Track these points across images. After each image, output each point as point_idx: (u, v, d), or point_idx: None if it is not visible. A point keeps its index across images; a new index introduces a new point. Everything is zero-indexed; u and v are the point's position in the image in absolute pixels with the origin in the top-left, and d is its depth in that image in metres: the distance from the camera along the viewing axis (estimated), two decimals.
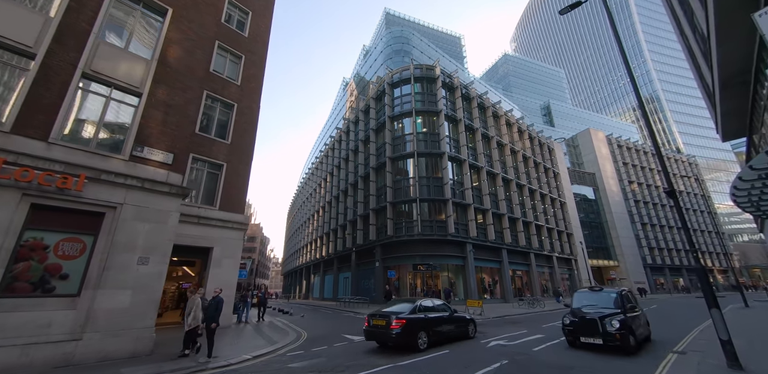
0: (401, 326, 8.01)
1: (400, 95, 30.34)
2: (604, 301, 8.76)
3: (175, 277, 18.69)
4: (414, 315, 8.52)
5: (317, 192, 48.61)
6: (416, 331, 8.26)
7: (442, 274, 25.67)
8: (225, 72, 14.90)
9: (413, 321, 8.34)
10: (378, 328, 8.28)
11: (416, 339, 8.20)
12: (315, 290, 43.86)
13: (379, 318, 8.40)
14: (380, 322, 8.31)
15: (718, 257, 60.49)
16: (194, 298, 7.28)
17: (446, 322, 9.31)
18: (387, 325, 8.11)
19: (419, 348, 8.16)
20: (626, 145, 60.96)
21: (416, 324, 8.36)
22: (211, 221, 12.43)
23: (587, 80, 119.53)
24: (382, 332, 8.18)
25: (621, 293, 8.85)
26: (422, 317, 8.65)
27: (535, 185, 36.97)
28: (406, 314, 8.38)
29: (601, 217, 53.45)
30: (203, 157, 12.97)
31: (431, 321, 8.81)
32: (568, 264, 39.09)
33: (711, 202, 67.15)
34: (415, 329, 8.26)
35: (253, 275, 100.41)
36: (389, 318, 8.19)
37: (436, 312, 9.26)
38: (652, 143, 6.99)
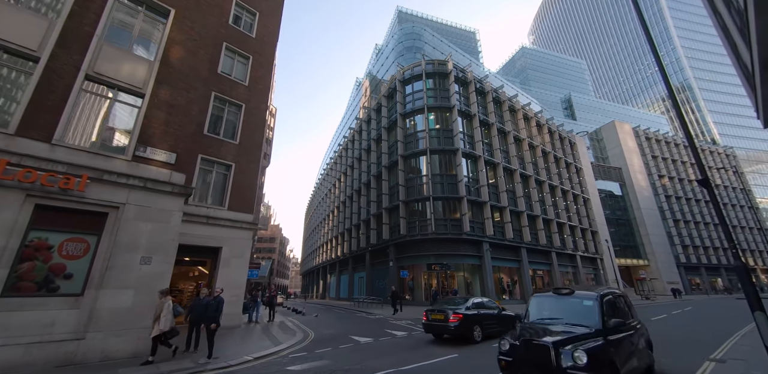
0: (459, 320, 9.02)
1: (412, 91, 29.84)
2: (575, 312, 5.37)
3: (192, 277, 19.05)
4: (469, 311, 9.45)
5: (332, 192, 48.82)
6: (472, 325, 9.23)
7: (458, 274, 25.00)
8: (233, 73, 14.98)
9: (469, 316, 9.28)
10: (437, 322, 9.33)
11: (472, 332, 9.18)
12: (331, 290, 44.06)
13: (438, 313, 9.46)
14: (439, 316, 9.37)
15: (761, 255, 56.09)
16: (163, 301, 7.03)
17: (495, 318, 10.20)
18: (445, 319, 9.12)
19: (475, 339, 9.16)
20: (655, 137, 57.65)
21: (471, 318, 9.30)
22: (219, 221, 12.49)
23: (611, 71, 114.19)
24: (440, 325, 9.22)
25: (603, 299, 5.33)
26: (476, 313, 9.60)
27: (555, 181, 35.48)
28: (462, 310, 9.36)
29: (629, 214, 50.81)
30: (212, 158, 13.06)
31: (484, 317, 9.76)
32: (593, 263, 37.29)
33: (752, 196, 62.48)
34: (471, 323, 9.22)
35: (273, 275, 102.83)
36: (447, 313, 9.19)
37: (487, 309, 10.20)
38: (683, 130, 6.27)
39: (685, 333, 10.59)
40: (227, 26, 15.37)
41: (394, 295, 16.30)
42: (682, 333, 10.48)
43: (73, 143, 7.60)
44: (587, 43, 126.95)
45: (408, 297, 25.59)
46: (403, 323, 14.08)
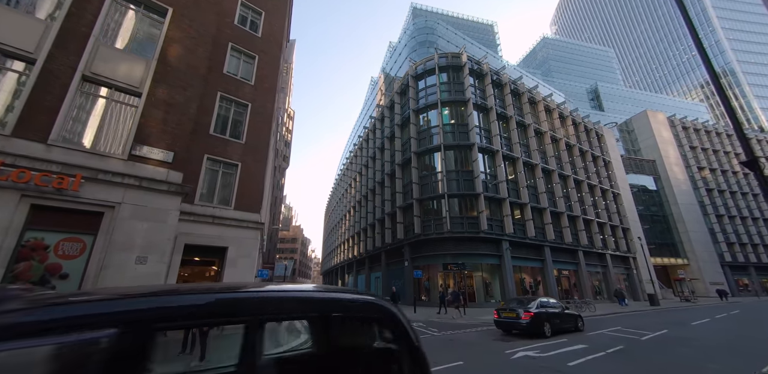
0: (530, 317, 10.20)
1: (425, 86, 29.09)
2: None
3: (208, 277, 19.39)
4: (538, 309, 10.56)
5: (348, 192, 48.81)
6: (542, 322, 10.35)
7: (476, 274, 24.03)
8: (239, 73, 14.95)
9: (539, 314, 10.44)
10: (509, 319, 10.62)
11: (542, 328, 10.29)
12: None
13: (509, 311, 10.75)
14: (511, 315, 10.62)
15: None
16: None
17: (561, 316, 11.24)
18: (518, 317, 10.35)
19: (545, 334, 10.24)
20: (693, 126, 53.51)
21: (541, 316, 10.46)
22: (225, 220, 12.42)
23: (642, 58, 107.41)
24: (513, 322, 10.49)
25: None
26: (544, 311, 10.72)
27: (581, 175, 33.53)
28: (533, 309, 10.47)
29: (665, 209, 47.42)
30: (218, 157, 13.03)
31: (551, 315, 10.86)
32: (625, 263, 34.98)
33: None
34: (541, 320, 10.36)
35: (295, 275, 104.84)
36: (518, 311, 10.42)
37: (553, 309, 11.23)
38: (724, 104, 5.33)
39: (731, 339, 9.37)
40: (233, 27, 15.38)
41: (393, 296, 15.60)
42: (727, 340, 9.27)
43: (69, 143, 7.62)
44: (615, 30, 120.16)
45: (424, 297, 24.92)
46: (414, 325, 13.51)
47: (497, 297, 23.67)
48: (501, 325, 11.10)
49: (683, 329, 12.07)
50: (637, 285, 34.26)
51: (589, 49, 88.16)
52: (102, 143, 8.13)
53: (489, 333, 11.11)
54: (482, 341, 9.55)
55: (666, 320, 15.41)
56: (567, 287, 28.52)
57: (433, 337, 10.41)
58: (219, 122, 13.71)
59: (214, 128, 13.34)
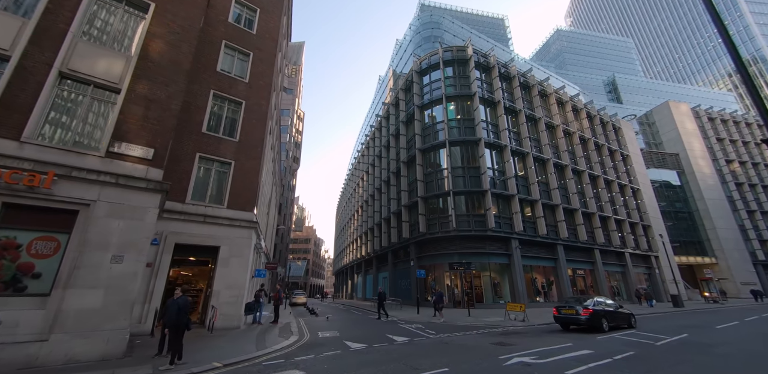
0: (590, 314, 11.26)
1: (429, 81, 28.40)
2: None
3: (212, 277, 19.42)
4: (596, 307, 11.62)
5: (356, 192, 48.56)
6: (600, 318, 11.42)
7: (484, 274, 23.20)
8: (233, 71, 14.82)
9: (597, 310, 11.49)
10: (569, 315, 11.65)
11: (601, 323, 11.38)
12: (358, 290, 43.74)
13: (569, 308, 11.80)
14: (570, 311, 11.67)
15: None
16: None
17: (615, 314, 12.19)
18: (577, 313, 11.41)
19: (604, 329, 11.36)
20: (720, 116, 50.49)
21: (599, 313, 11.53)
22: (218, 219, 12.25)
23: (663, 48, 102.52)
24: (573, 318, 11.53)
25: None
26: (601, 309, 11.73)
27: (597, 170, 32.00)
28: (591, 306, 11.55)
29: (690, 205, 44.86)
30: (210, 156, 12.89)
31: (607, 312, 11.82)
32: (646, 262, 33.21)
33: None
34: (599, 316, 11.43)
35: (309, 275, 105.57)
36: (577, 308, 11.49)
37: (608, 307, 12.14)
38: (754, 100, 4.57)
39: (762, 347, 8.39)
40: (226, 24, 15.27)
41: (381, 297, 14.94)
42: (756, 347, 8.30)
43: (44, 140, 7.51)
44: (633, 19, 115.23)
45: (429, 298, 24.25)
46: (413, 327, 12.98)
47: (507, 297, 22.77)
48: (560, 320, 12.02)
49: (706, 333, 11.04)
50: (660, 285, 32.43)
51: (605, 40, 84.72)
52: (79, 140, 8.00)
53: (489, 336, 10.47)
54: (479, 344, 8.94)
55: (688, 323, 14.27)
56: (583, 287, 27.23)
57: (427, 340, 9.86)
58: (212, 120, 13.58)
59: (207, 127, 13.19)
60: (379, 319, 15.43)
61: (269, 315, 15.63)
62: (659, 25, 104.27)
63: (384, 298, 15.38)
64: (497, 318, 15.63)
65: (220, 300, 11.58)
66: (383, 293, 14.12)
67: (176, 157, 12.05)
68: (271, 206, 25.80)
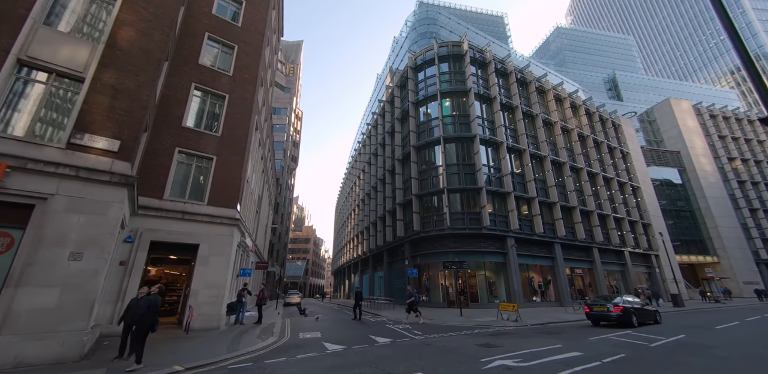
0: (621, 311, 12.27)
1: (425, 77, 27.94)
2: None
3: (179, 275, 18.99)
4: (626, 304, 12.55)
5: (353, 191, 48.14)
6: (630, 314, 12.31)
7: (479, 273, 22.73)
8: (216, 63, 14.42)
9: (626, 308, 12.39)
10: (600, 312, 12.70)
11: (631, 319, 12.27)
12: (354, 290, 43.27)
13: (600, 306, 12.87)
14: (602, 309, 12.72)
15: None
16: None
17: (643, 311, 13.12)
18: (608, 310, 12.45)
19: (634, 325, 12.31)
20: (722, 114, 49.85)
21: (629, 310, 12.42)
22: (197, 216, 11.84)
23: (664, 46, 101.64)
24: (604, 314, 12.57)
25: None
26: (630, 306, 12.61)
27: (596, 167, 31.46)
28: (621, 303, 12.56)
29: (692, 203, 44.24)
30: (190, 150, 12.48)
31: (635, 309, 12.72)
32: (646, 261, 32.66)
33: None
34: (629, 313, 12.32)
35: (308, 275, 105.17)
36: (608, 306, 12.55)
37: (635, 304, 13.04)
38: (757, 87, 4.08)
39: (763, 348, 7.92)
40: (210, 16, 14.85)
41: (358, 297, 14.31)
42: (757, 349, 7.83)
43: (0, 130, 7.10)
44: (634, 17, 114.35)
45: (425, 297, 23.83)
46: (400, 327, 12.54)
47: (502, 297, 22.30)
48: (592, 317, 13.01)
49: (704, 334, 10.57)
50: (660, 284, 31.88)
51: (606, 38, 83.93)
52: (38, 130, 7.59)
53: (477, 337, 10.03)
54: (462, 346, 8.49)
55: (687, 323, 13.79)
56: (581, 286, 26.74)
57: (410, 341, 9.42)
58: (193, 114, 13.15)
59: (187, 121, 12.78)
60: (356, 319, 14.90)
61: (254, 315, 15.23)
62: (660, 23, 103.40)
63: (360, 298, 14.81)
64: (489, 318, 15.18)
65: (199, 300, 11.17)
66: (360, 292, 13.59)
67: (153, 151, 11.65)
68: (263, 205, 25.39)
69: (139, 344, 6.43)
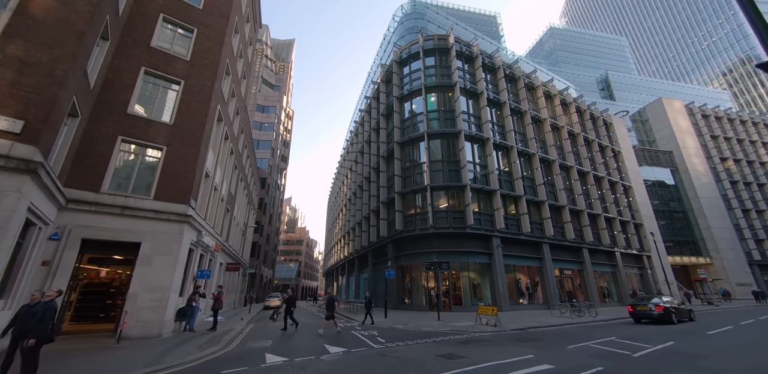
0: (662, 310, 13.68)
1: (410, 72, 27.01)
2: None
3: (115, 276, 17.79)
4: (665, 304, 13.97)
5: (341, 190, 47.05)
6: (669, 313, 13.66)
7: (463, 274, 21.72)
8: (172, 47, 13.33)
9: (666, 308, 13.78)
10: (643, 311, 14.14)
11: (671, 317, 13.59)
12: (342, 291, 42.10)
13: (642, 306, 14.32)
14: (644, 308, 14.15)
15: None
16: None
17: (679, 309, 14.40)
18: (650, 310, 13.90)
19: (674, 322, 13.61)
20: (714, 113, 49.51)
21: (669, 309, 13.78)
22: (140, 212, 10.72)
23: (657, 47, 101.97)
24: (647, 313, 13.98)
25: None
26: (669, 306, 13.96)
27: (586, 166, 30.65)
28: (661, 303, 13.94)
29: (684, 204, 43.66)
30: (136, 139, 11.37)
31: (673, 308, 14.05)
32: (638, 262, 31.83)
33: None
34: (669, 312, 13.68)
35: (301, 277, 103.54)
36: (650, 306, 14.02)
37: (672, 304, 14.35)
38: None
39: (757, 357, 6.95)
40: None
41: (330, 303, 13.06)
42: (752, 358, 6.86)
43: None
44: (628, 19, 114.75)
45: (407, 300, 22.77)
46: (366, 334, 11.47)
47: (487, 299, 21.29)
48: (634, 315, 14.57)
49: (695, 341, 9.61)
50: (653, 286, 31.04)
51: (599, 38, 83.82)
52: None
53: (444, 345, 8.98)
54: (420, 358, 7.44)
55: (677, 327, 12.84)
56: (570, 288, 25.78)
57: (367, 351, 8.36)
58: (141, 100, 12.04)
59: (134, 107, 11.66)
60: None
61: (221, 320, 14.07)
62: (654, 25, 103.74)
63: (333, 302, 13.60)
64: (468, 323, 14.15)
65: (138, 305, 10.03)
66: (332, 297, 12.51)
67: (91, 140, 10.53)
68: (239, 203, 24.21)
69: (31, 359, 5.32)
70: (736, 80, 79.73)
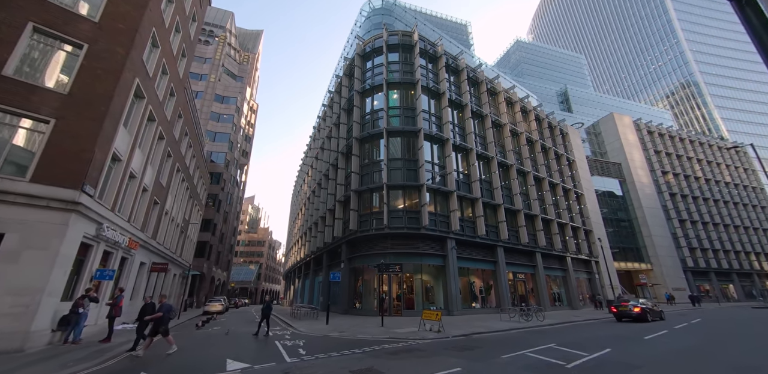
0: (641, 310, 16.39)
1: (372, 66, 26.13)
2: None
3: None
4: (642, 306, 16.66)
5: (302, 188, 45.04)
6: (645, 313, 16.35)
7: (416, 277, 20.88)
8: (77, 6, 11.29)
9: (643, 308, 16.45)
10: (624, 311, 16.79)
11: (647, 317, 16.28)
12: (297, 296, 39.94)
13: (623, 307, 16.95)
14: (625, 308, 16.83)
15: None
16: None
17: (653, 310, 17.07)
18: (630, 310, 16.59)
19: (648, 320, 16.32)
20: (658, 130, 53.43)
21: (645, 310, 16.48)
22: (8, 196, 8.66)
23: (612, 67, 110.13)
24: (627, 313, 16.66)
25: None
26: (645, 307, 16.69)
27: (543, 172, 31.33)
28: (638, 305, 16.60)
29: (630, 213, 46.34)
30: (12, 108, 9.28)
31: (648, 309, 16.69)
32: (587, 267, 32.91)
33: (765, 195, 57.55)
34: (645, 312, 16.37)
35: (261, 280, 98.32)
36: (629, 307, 16.69)
37: (647, 305, 17.02)
38: None
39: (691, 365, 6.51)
40: None
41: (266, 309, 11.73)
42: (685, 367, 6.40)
43: None
44: (587, 40, 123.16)
45: (358, 305, 21.52)
46: (290, 344, 10.10)
47: (439, 303, 20.58)
48: (617, 315, 17.20)
49: (631, 347, 9.25)
50: (600, 290, 32.18)
51: (561, 55, 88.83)
52: None
53: (370, 357, 7.86)
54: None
55: (616, 332, 12.69)
56: (523, 292, 25.83)
57: (270, 368, 7.04)
58: (26, 61, 9.94)
59: (12, 68, 9.56)
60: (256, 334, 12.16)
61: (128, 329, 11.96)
62: (609, 46, 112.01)
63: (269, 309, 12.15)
64: (411, 329, 13.17)
65: None
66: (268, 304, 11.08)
67: None
68: (173, 195, 21.75)
69: None
70: (677, 102, 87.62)
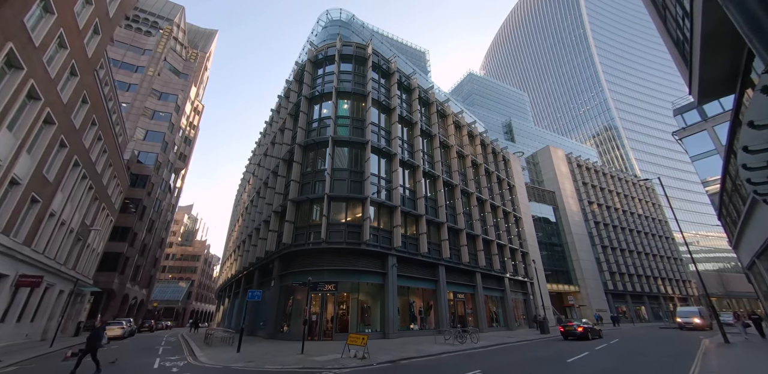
0: (583, 329, 18.89)
1: (323, 74, 25.57)
2: None
3: None
4: (585, 325, 19.40)
5: (242, 197, 41.78)
6: (587, 332, 18.90)
7: (353, 296, 19.44)
8: None
9: (587, 328, 19.12)
10: (570, 330, 19.14)
11: (588, 335, 18.81)
12: (226, 317, 35.65)
13: (569, 327, 19.40)
14: (571, 328, 19.23)
15: (677, 284, 58.21)
16: None
17: (594, 330, 19.74)
18: (575, 329, 19.01)
19: (589, 338, 18.88)
20: (585, 164, 59.52)
21: (588, 329, 19.06)
22: None
23: (550, 106, 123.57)
24: (572, 332, 18.97)
25: None
26: (588, 326, 19.38)
27: (485, 194, 32.48)
28: (581, 325, 19.24)
29: (562, 238, 49.85)
30: None
31: (590, 329, 19.34)
32: (523, 288, 33.98)
33: (668, 227, 66.21)
34: (587, 332, 18.90)
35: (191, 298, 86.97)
36: (575, 326, 19.14)
37: (589, 325, 19.86)
38: None
39: None
40: None
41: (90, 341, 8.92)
42: None
43: None
44: (531, 80, 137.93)
45: (285, 328, 19.32)
46: None
47: (375, 324, 19.25)
48: (564, 334, 19.27)
49: (553, 370, 8.89)
50: (533, 310, 33.21)
51: (507, 90, 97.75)
52: None
53: None
54: None
55: (542, 354, 12.51)
56: (462, 313, 25.46)
57: None
58: None
59: None
60: None
61: None
62: (548, 88, 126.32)
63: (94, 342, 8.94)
64: (334, 356, 11.71)
65: None
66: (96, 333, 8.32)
67: None
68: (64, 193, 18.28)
69: None
70: (602, 142, 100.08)
